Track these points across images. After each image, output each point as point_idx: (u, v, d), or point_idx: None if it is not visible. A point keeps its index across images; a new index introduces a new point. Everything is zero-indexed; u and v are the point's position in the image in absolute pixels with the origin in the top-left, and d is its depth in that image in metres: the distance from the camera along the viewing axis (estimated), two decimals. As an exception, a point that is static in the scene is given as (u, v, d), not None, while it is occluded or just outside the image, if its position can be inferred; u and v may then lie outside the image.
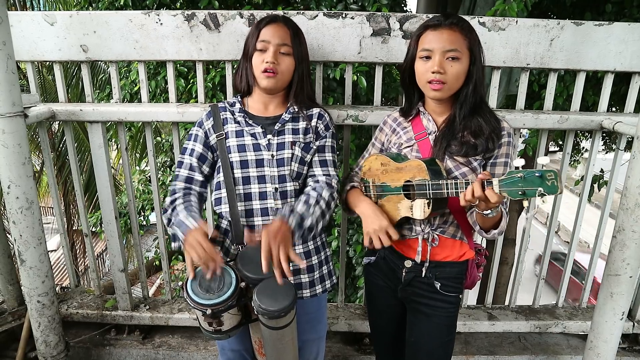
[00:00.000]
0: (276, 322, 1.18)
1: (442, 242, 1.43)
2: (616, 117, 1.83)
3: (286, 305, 1.15)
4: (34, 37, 1.81)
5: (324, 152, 1.50)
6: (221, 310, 1.19)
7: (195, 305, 1.18)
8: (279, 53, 1.40)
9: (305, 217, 1.31)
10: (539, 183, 1.07)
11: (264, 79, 1.40)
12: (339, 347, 2.23)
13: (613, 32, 1.76)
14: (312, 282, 1.53)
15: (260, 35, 1.39)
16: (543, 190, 1.06)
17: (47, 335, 1.86)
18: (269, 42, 1.38)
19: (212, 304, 1.17)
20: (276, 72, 1.39)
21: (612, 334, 1.73)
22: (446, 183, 1.24)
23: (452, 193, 1.23)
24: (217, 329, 1.25)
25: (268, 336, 1.24)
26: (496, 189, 1.13)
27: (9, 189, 1.61)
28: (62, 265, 10.82)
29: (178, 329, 2.27)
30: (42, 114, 1.80)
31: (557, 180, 1.05)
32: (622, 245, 1.62)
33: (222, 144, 1.44)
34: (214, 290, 1.19)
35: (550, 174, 1.06)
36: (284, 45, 1.40)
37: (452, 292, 1.45)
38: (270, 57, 1.37)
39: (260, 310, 1.16)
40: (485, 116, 1.35)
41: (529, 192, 1.08)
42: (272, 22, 1.41)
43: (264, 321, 1.19)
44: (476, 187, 1.15)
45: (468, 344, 2.22)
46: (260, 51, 1.39)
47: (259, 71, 1.39)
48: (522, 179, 1.09)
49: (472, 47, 1.31)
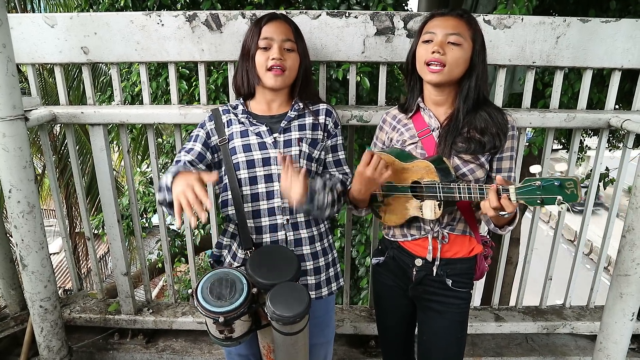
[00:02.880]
0: (290, 328, 1.16)
1: (451, 239, 1.42)
2: (624, 114, 1.81)
3: (301, 311, 1.13)
4: (35, 40, 1.79)
5: (337, 151, 1.50)
6: (233, 317, 1.16)
7: (206, 313, 1.15)
8: (284, 49, 1.37)
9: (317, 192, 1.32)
10: (558, 192, 1.05)
11: (271, 78, 1.37)
12: (345, 349, 2.21)
13: (620, 29, 1.74)
14: (319, 284, 1.51)
15: (262, 33, 1.36)
16: (562, 199, 1.04)
17: (50, 340, 1.84)
18: (273, 38, 1.36)
19: (225, 312, 1.14)
20: (284, 68, 1.36)
21: (622, 335, 1.71)
22: (458, 187, 1.22)
23: (464, 198, 1.22)
24: (227, 337, 1.22)
25: (281, 342, 1.22)
26: (513, 197, 1.11)
27: (10, 193, 1.60)
28: (65, 268, 10.83)
29: (182, 333, 2.25)
30: (43, 117, 1.78)
31: (577, 188, 1.03)
32: (631, 245, 1.60)
33: (225, 148, 1.42)
34: (225, 297, 1.16)
35: (570, 182, 1.04)
36: (288, 41, 1.38)
37: (463, 287, 1.44)
38: (276, 53, 1.35)
39: (274, 317, 1.13)
40: (491, 112, 1.33)
41: (548, 200, 1.06)
42: (273, 19, 1.39)
43: (278, 327, 1.17)
44: (492, 198, 1.14)
45: (475, 346, 2.20)
46: (264, 49, 1.37)
47: (264, 70, 1.37)
48: (540, 188, 1.07)
49: (475, 38, 1.29)
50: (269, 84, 1.38)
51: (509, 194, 1.12)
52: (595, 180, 2.01)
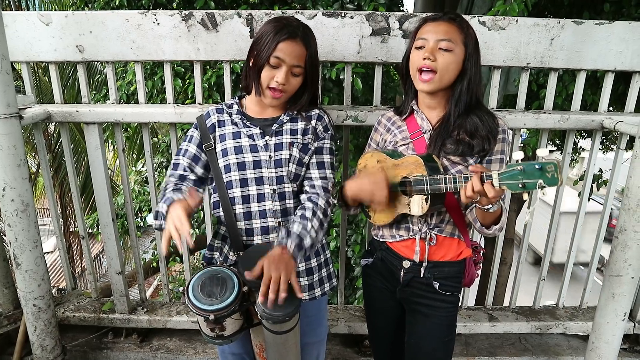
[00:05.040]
0: (280, 327, 1.17)
1: (439, 241, 1.42)
2: (617, 116, 1.83)
3: (291, 310, 1.14)
4: (29, 38, 1.78)
5: (322, 154, 1.48)
6: (224, 315, 1.16)
7: (197, 311, 1.15)
8: (290, 74, 1.35)
9: (303, 237, 1.28)
10: (539, 175, 1.05)
11: (269, 97, 1.37)
12: (339, 349, 2.21)
13: (614, 31, 1.75)
14: (311, 285, 1.52)
15: (276, 51, 1.31)
16: (543, 182, 1.04)
17: (44, 339, 1.84)
18: (284, 60, 1.32)
19: (215, 310, 1.15)
20: (283, 92, 1.36)
21: (614, 335, 1.72)
22: (444, 177, 1.22)
23: (450, 187, 1.21)
24: (219, 334, 1.22)
25: (272, 340, 1.22)
26: (496, 182, 1.11)
27: (4, 191, 1.59)
28: (59, 267, 10.77)
29: (176, 332, 2.25)
30: (37, 115, 1.78)
31: (558, 172, 1.04)
32: (623, 246, 1.61)
33: (212, 153, 1.42)
34: (216, 295, 1.17)
35: (550, 166, 1.04)
36: (297, 67, 1.34)
37: (451, 291, 1.44)
38: (281, 78, 1.32)
39: (264, 315, 1.14)
40: (482, 115, 1.34)
41: (529, 185, 1.06)
42: (291, 38, 1.32)
43: (268, 326, 1.17)
44: (475, 182, 1.13)
45: (469, 346, 2.21)
46: (272, 67, 1.33)
47: (266, 85, 1.35)
48: (522, 172, 1.07)
49: (467, 42, 1.30)
50: (267, 102, 1.39)
51: (492, 179, 1.11)
52: (589, 181, 2.03)
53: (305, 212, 1.35)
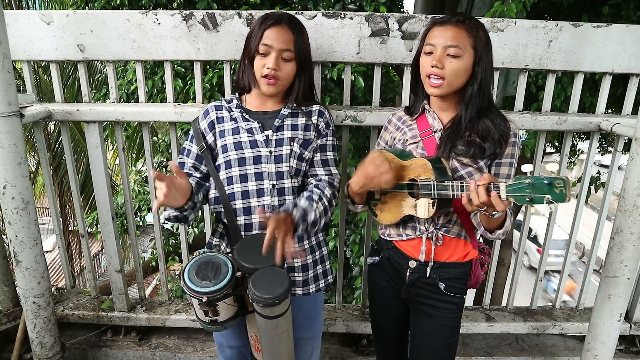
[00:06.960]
0: (271, 311, 1.19)
1: (446, 241, 1.42)
2: (614, 118, 1.84)
3: (280, 292, 1.16)
4: (30, 37, 1.79)
5: (326, 151, 1.50)
6: (217, 298, 1.21)
7: (191, 292, 1.21)
8: (281, 59, 1.37)
9: (308, 212, 1.32)
10: (547, 190, 1.05)
11: (264, 85, 1.39)
12: (337, 348, 2.22)
13: (611, 34, 1.76)
14: (306, 281, 1.53)
15: (263, 38, 1.35)
16: (551, 198, 1.04)
17: (43, 337, 1.85)
18: (272, 46, 1.35)
19: (208, 292, 1.20)
20: (277, 78, 1.37)
21: (610, 336, 1.73)
22: (452, 184, 1.22)
23: (457, 195, 1.22)
24: (213, 319, 1.26)
25: (263, 326, 1.24)
26: (503, 194, 1.11)
27: (5, 189, 1.60)
28: (58, 265, 10.76)
29: (175, 330, 2.26)
30: (38, 114, 1.79)
31: (566, 188, 1.04)
32: (620, 247, 1.62)
33: (206, 155, 1.45)
34: (210, 279, 1.22)
35: (559, 181, 1.04)
36: (287, 51, 1.37)
37: (456, 292, 1.44)
38: (272, 63, 1.35)
39: (255, 298, 1.16)
40: (494, 118, 1.33)
41: (537, 199, 1.06)
42: (276, 24, 1.37)
43: (259, 309, 1.20)
44: (481, 192, 1.13)
45: (466, 346, 2.22)
46: (262, 55, 1.37)
47: (260, 75, 1.38)
48: (530, 186, 1.07)
49: (476, 46, 1.29)
50: (263, 91, 1.41)
51: (499, 191, 1.12)
52: (586, 183, 2.04)
53: (313, 195, 1.38)
